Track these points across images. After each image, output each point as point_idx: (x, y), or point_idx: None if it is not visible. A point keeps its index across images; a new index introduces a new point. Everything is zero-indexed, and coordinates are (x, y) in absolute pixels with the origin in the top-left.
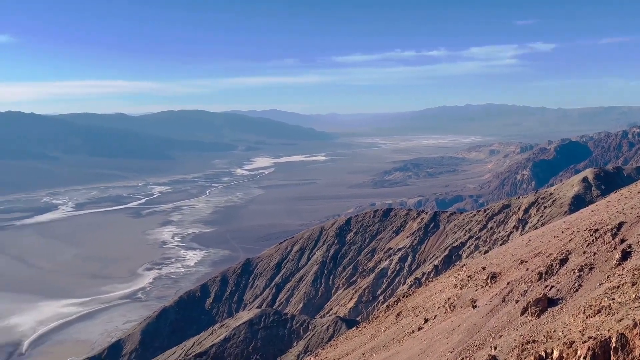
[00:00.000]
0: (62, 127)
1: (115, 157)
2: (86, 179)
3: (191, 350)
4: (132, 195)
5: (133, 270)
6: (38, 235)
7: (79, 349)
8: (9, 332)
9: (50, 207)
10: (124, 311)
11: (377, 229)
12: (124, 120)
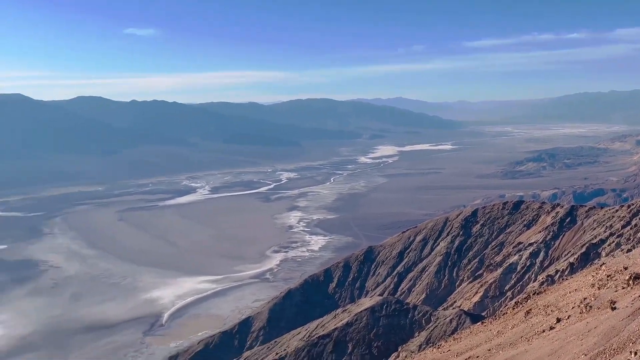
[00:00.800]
0: (200, 115)
1: (247, 144)
2: (221, 164)
3: (315, 332)
4: (262, 180)
5: (262, 252)
6: (178, 215)
7: (212, 323)
8: (151, 304)
9: (189, 190)
10: (254, 290)
11: (506, 222)
12: (255, 109)
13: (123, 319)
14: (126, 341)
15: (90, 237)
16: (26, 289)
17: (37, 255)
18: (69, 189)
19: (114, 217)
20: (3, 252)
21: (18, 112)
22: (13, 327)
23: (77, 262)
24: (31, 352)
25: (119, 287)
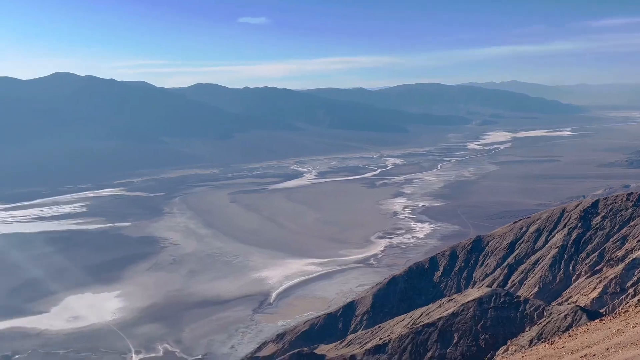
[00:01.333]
0: (308, 101)
1: (354, 129)
2: (327, 149)
3: (419, 319)
4: (367, 166)
5: (366, 237)
6: (286, 199)
7: (318, 304)
8: (260, 284)
9: (296, 174)
10: (357, 274)
11: (631, 215)
12: (363, 95)
13: (234, 296)
14: (237, 317)
15: (205, 217)
16: (148, 264)
17: (158, 232)
18: (187, 172)
19: (226, 198)
20: (127, 229)
21: (142, 98)
22: (135, 299)
23: (193, 240)
24: (151, 323)
25: (231, 265)
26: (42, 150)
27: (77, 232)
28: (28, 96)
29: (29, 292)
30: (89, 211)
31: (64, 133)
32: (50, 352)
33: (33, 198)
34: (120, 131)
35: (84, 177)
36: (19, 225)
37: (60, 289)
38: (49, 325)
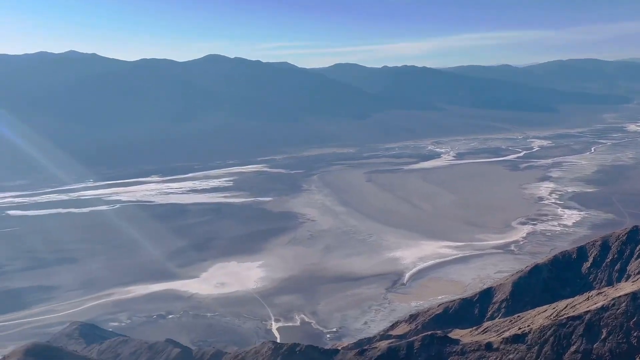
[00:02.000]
0: (449, 79)
1: (497, 108)
2: (467, 129)
3: (563, 312)
4: (510, 147)
5: (507, 222)
6: (422, 179)
7: (452, 288)
8: (394, 263)
9: (433, 155)
10: (496, 261)
11: None
12: (508, 72)
13: (368, 274)
14: (370, 294)
15: (341, 195)
16: (287, 237)
17: (297, 208)
18: (325, 150)
19: (362, 177)
20: (269, 204)
21: (285, 79)
22: (275, 271)
23: (330, 217)
24: (289, 294)
25: (365, 243)
26: (195, 128)
27: (224, 205)
28: (184, 77)
29: (182, 258)
30: (235, 185)
31: (215, 112)
32: (199, 314)
33: (187, 172)
34: (265, 110)
35: (232, 153)
36: (174, 196)
37: (209, 256)
38: (199, 290)
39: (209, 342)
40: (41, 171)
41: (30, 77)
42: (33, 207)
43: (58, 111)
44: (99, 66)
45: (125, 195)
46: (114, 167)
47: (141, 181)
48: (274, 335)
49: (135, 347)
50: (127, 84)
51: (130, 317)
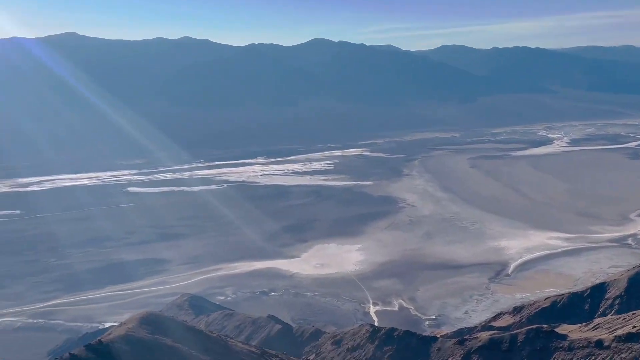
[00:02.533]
0: (564, 60)
1: (618, 92)
2: (583, 114)
3: None
4: (631, 134)
5: (624, 214)
6: (531, 166)
7: (560, 281)
8: (498, 253)
9: (544, 141)
10: (611, 254)
11: None
12: (631, 53)
13: (469, 262)
14: (471, 284)
15: (443, 180)
16: (386, 222)
17: (397, 193)
18: (427, 135)
19: (466, 163)
20: (369, 188)
21: (388, 62)
22: (374, 254)
23: (430, 203)
24: (387, 279)
25: (468, 231)
26: (299, 111)
27: (325, 188)
28: (289, 61)
29: (284, 238)
30: (335, 169)
31: (318, 95)
32: (299, 293)
33: (289, 154)
34: (368, 94)
35: (334, 137)
36: (278, 178)
37: (310, 237)
38: (300, 269)
39: (309, 321)
40: (156, 151)
41: (148, 62)
42: (149, 184)
43: (172, 95)
44: (210, 52)
45: (232, 175)
46: (223, 149)
47: (247, 162)
48: (371, 319)
49: (239, 321)
50: (235, 69)
51: (235, 292)
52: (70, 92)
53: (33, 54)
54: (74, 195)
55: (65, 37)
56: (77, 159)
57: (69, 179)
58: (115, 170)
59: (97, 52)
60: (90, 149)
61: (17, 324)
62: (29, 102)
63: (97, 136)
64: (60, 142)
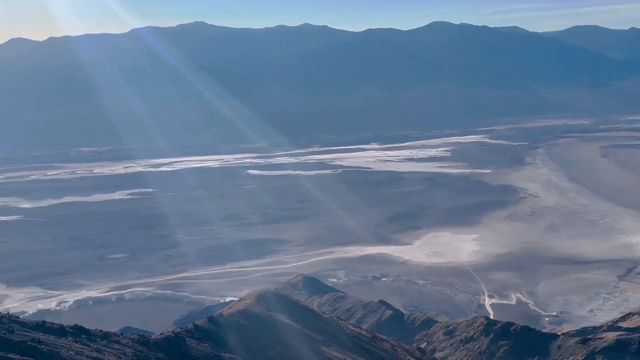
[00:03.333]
0: None
1: None
2: None
3: None
4: None
5: None
6: None
7: None
8: (630, 250)
9: None
10: None
11: None
12: None
13: (597, 258)
14: (598, 281)
15: (570, 170)
16: (505, 212)
17: (517, 182)
18: (554, 121)
19: (597, 152)
20: (487, 176)
21: (513, 44)
22: (491, 245)
23: (555, 194)
24: (505, 271)
25: (596, 225)
26: (416, 96)
27: (440, 175)
28: (408, 46)
29: (397, 225)
30: (452, 156)
31: (437, 80)
32: (411, 280)
33: (404, 140)
34: (489, 78)
35: (451, 123)
36: (391, 164)
37: (423, 225)
38: (412, 257)
39: (420, 309)
40: (275, 136)
41: (269, 49)
42: (267, 168)
43: (291, 81)
44: (329, 38)
45: (347, 161)
46: (338, 134)
47: (361, 148)
48: (486, 311)
49: (351, 304)
50: (353, 55)
51: (347, 275)
52: (196, 78)
53: (152, 45)
54: (201, 175)
55: (193, 26)
56: (206, 142)
57: (197, 161)
58: (238, 154)
59: (221, 40)
60: (216, 132)
61: (147, 294)
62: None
63: (222, 121)
64: (191, 125)
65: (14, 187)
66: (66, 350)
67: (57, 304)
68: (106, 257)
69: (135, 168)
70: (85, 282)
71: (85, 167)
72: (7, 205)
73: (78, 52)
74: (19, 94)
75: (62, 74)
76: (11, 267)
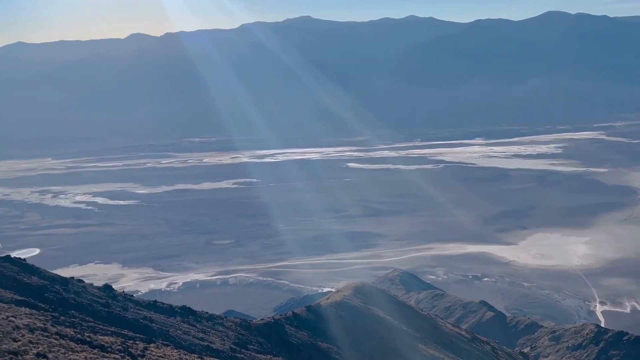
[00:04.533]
0: None
1: None
2: None
3: None
4: None
5: None
6: None
7: None
8: None
9: None
10: None
11: None
12: None
13: None
14: None
15: None
16: (622, 214)
17: (637, 183)
18: None
19: None
20: (603, 176)
21: (636, 35)
22: (604, 249)
23: None
24: (619, 277)
25: None
26: (526, 90)
27: (550, 173)
28: (519, 37)
29: (501, 223)
30: (564, 153)
31: (550, 73)
32: (515, 282)
33: (512, 136)
34: (606, 71)
35: (564, 118)
36: (497, 160)
37: (530, 225)
38: (516, 257)
39: (524, 312)
40: (375, 129)
41: (374, 42)
42: (367, 161)
43: (394, 74)
44: (435, 29)
45: (449, 156)
46: (441, 129)
47: (465, 143)
48: (597, 319)
49: (450, 303)
50: (461, 47)
51: (447, 273)
52: (302, 72)
53: (260, 39)
54: (302, 167)
55: (300, 21)
56: (309, 134)
57: (299, 153)
58: (339, 147)
59: (327, 34)
60: (320, 125)
61: (250, 280)
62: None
63: (326, 114)
64: (296, 118)
65: (132, 173)
66: (174, 329)
67: (167, 285)
68: (212, 243)
69: (240, 158)
70: (194, 265)
71: (196, 156)
72: (126, 191)
73: (191, 46)
74: (137, 87)
75: (176, 67)
76: (127, 249)
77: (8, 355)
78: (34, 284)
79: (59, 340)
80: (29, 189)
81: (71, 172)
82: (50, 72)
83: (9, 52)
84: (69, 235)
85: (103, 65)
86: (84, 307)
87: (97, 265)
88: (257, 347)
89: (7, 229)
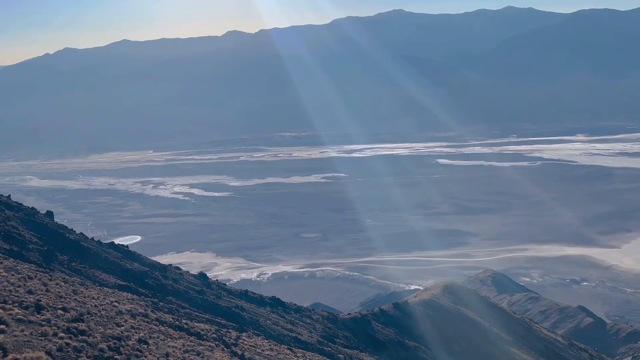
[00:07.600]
0: None
1: None
2: None
3: None
4: None
5: None
6: None
7: None
8: None
9: None
10: None
11: None
12: None
13: None
14: None
15: None
16: None
17: None
18: None
19: None
20: None
21: None
22: None
23: None
24: None
25: None
26: (635, 84)
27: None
28: (626, 28)
29: (602, 225)
30: None
31: None
32: (617, 287)
33: (616, 132)
34: None
35: None
36: (600, 158)
37: (635, 227)
38: (619, 262)
39: (626, 320)
40: (468, 124)
41: (470, 35)
42: (459, 157)
43: (490, 68)
44: (534, 20)
45: (547, 153)
46: (539, 124)
47: (565, 139)
48: None
49: (545, 307)
50: (562, 38)
51: (542, 275)
52: (391, 66)
53: (350, 34)
54: (390, 163)
55: (392, 15)
56: (398, 130)
57: (387, 148)
58: (429, 142)
59: (420, 27)
60: (409, 120)
61: (336, 274)
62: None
63: (415, 109)
64: (384, 114)
65: (226, 166)
66: (264, 319)
67: (257, 275)
68: (301, 235)
69: (329, 153)
70: (282, 257)
71: (286, 150)
72: (220, 183)
73: (282, 43)
74: (232, 83)
75: (269, 63)
76: (221, 239)
77: (112, 340)
78: (136, 270)
79: (158, 327)
80: (132, 179)
81: (170, 164)
82: (152, 68)
83: (114, 49)
84: (167, 224)
85: (200, 62)
86: (180, 294)
87: (193, 254)
88: (343, 342)
89: (112, 217)
